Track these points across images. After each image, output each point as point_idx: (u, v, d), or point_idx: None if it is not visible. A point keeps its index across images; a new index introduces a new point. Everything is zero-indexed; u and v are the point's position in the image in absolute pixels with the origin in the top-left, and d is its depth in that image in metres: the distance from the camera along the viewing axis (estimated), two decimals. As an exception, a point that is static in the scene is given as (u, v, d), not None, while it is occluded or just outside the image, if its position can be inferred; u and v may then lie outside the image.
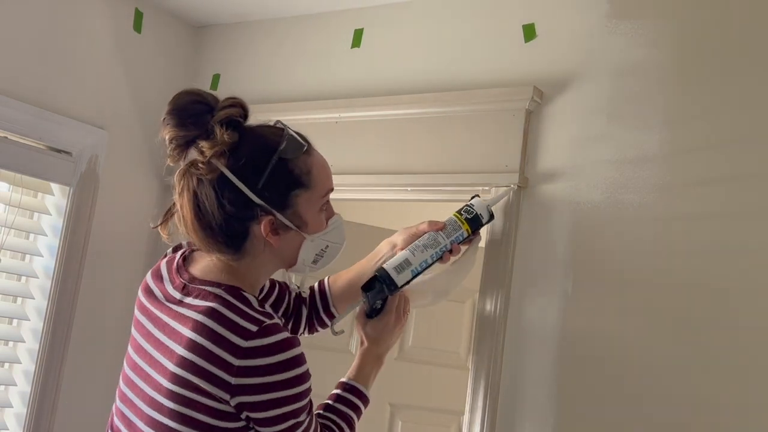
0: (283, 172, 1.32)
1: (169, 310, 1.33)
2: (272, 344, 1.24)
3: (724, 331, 1.53)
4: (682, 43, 1.69)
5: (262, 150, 1.31)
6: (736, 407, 1.50)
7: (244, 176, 1.29)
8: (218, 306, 1.27)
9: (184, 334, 1.27)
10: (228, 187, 1.29)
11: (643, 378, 1.60)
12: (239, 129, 1.31)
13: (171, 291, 1.36)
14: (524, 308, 1.77)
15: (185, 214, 1.32)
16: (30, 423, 2.13)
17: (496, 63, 1.93)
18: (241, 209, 1.30)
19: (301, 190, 1.34)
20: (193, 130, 1.30)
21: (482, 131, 1.89)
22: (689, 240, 1.60)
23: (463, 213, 1.64)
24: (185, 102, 1.31)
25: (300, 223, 1.35)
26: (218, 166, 1.28)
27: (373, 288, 1.54)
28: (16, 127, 2.07)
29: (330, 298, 1.68)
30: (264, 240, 1.33)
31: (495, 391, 1.76)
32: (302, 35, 2.31)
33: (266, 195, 1.30)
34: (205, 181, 1.29)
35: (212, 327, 1.25)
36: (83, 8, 2.23)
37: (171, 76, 2.48)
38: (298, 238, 1.36)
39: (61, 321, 2.18)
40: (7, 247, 2.14)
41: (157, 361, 1.30)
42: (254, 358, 1.23)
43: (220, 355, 1.23)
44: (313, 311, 1.68)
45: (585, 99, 1.78)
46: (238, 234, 1.32)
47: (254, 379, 1.23)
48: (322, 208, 1.39)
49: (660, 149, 1.66)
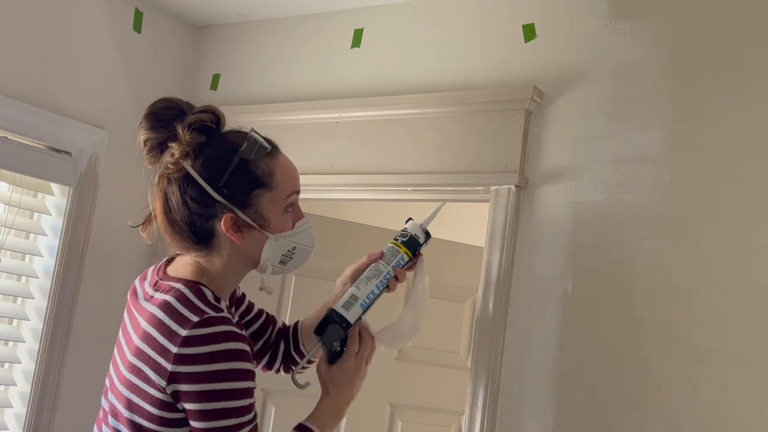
0: (244, 172, 1.38)
1: (140, 306, 1.40)
2: (210, 334, 1.27)
3: (725, 331, 1.53)
4: (683, 43, 1.69)
5: (225, 151, 1.38)
6: (737, 407, 1.50)
7: (208, 175, 1.36)
8: (171, 298, 1.33)
9: (142, 326, 1.34)
10: (192, 185, 1.36)
11: (643, 378, 1.60)
12: (206, 132, 1.38)
13: (147, 288, 1.44)
14: (524, 308, 1.77)
15: (156, 212, 1.42)
16: (30, 423, 2.13)
17: (496, 63, 1.93)
18: (204, 207, 1.37)
19: (263, 190, 1.39)
20: (163, 133, 1.37)
21: (482, 131, 1.89)
22: (689, 240, 1.60)
23: (399, 238, 1.61)
24: (159, 107, 1.39)
25: (262, 222, 1.40)
26: (184, 165, 1.36)
27: (325, 331, 1.51)
28: (16, 127, 2.07)
29: (300, 335, 1.69)
30: (228, 238, 1.38)
31: (495, 391, 1.76)
32: (302, 35, 2.31)
33: (227, 193, 1.37)
34: (173, 181, 1.38)
35: (160, 317, 1.31)
36: (83, 8, 2.23)
37: (171, 76, 2.48)
38: (261, 237, 1.41)
39: (61, 321, 2.18)
40: (7, 247, 2.14)
41: (123, 353, 1.38)
42: (191, 347, 1.27)
43: (162, 342, 1.29)
44: (286, 347, 1.69)
45: (585, 99, 1.78)
46: (203, 231, 1.39)
47: (188, 367, 1.26)
48: (286, 209, 1.43)
49: (660, 149, 1.66)
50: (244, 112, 2.31)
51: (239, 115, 2.31)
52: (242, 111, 2.32)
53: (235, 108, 2.35)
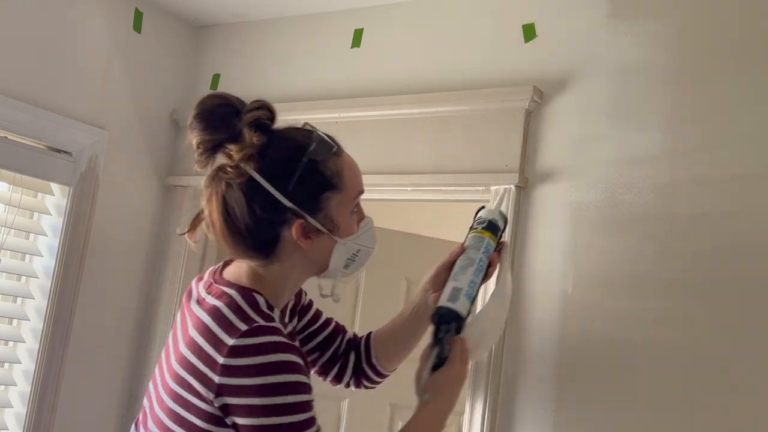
0: (313, 174, 1.28)
1: (191, 310, 1.32)
2: (258, 344, 1.20)
3: (725, 331, 1.53)
4: (682, 43, 1.69)
5: (292, 152, 1.28)
6: (738, 407, 1.50)
7: (274, 179, 1.26)
8: (221, 304, 1.25)
9: (189, 332, 1.27)
10: (258, 191, 1.26)
11: (643, 378, 1.60)
12: (267, 131, 1.29)
13: (200, 291, 1.35)
14: (524, 308, 1.77)
15: (214, 220, 1.30)
16: (30, 423, 2.13)
17: (496, 63, 1.93)
18: (272, 213, 1.27)
19: (332, 192, 1.31)
20: (220, 134, 1.27)
21: (482, 131, 1.89)
22: (689, 240, 1.60)
23: (477, 226, 1.52)
24: (211, 105, 1.29)
25: (332, 226, 1.31)
26: (247, 169, 1.26)
27: (439, 334, 1.38)
28: (16, 127, 2.07)
29: (372, 348, 1.59)
30: (295, 244, 1.29)
31: (495, 391, 1.76)
32: (302, 35, 2.31)
33: (297, 198, 1.27)
34: (234, 186, 1.26)
35: (207, 323, 1.24)
36: (83, 8, 2.23)
37: (171, 76, 2.48)
38: (330, 242, 1.33)
39: (61, 321, 2.18)
40: (7, 247, 2.14)
41: (169, 357, 1.31)
42: (239, 357, 1.19)
43: (208, 351, 1.21)
44: (357, 359, 1.59)
45: (585, 99, 1.78)
46: (268, 239, 1.29)
47: (236, 379, 1.18)
48: (353, 211, 1.36)
49: (660, 149, 1.66)
50: (244, 112, 2.32)
51: (239, 115, 2.32)
52: (242, 111, 2.32)
53: (235, 108, 2.35)
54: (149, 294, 2.41)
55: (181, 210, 2.39)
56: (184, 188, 2.41)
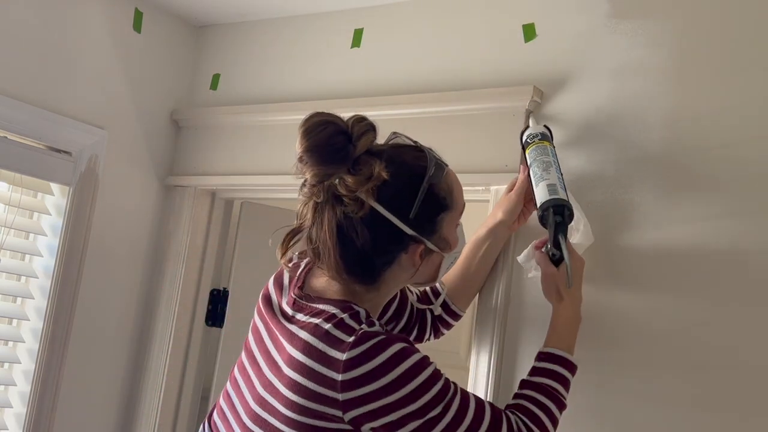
0: (430, 198, 1.28)
1: (281, 326, 1.29)
2: (370, 348, 1.18)
3: (725, 331, 1.53)
4: (683, 43, 1.68)
5: (411, 179, 1.27)
6: (738, 408, 1.50)
7: (396, 209, 1.24)
8: (321, 321, 1.22)
9: (292, 354, 1.22)
10: (380, 222, 1.24)
11: (643, 378, 1.59)
12: (381, 157, 1.26)
13: (284, 306, 1.31)
14: (524, 308, 1.77)
15: (329, 249, 1.26)
16: (30, 423, 2.13)
17: (496, 63, 1.93)
18: (393, 243, 1.26)
19: (445, 212, 1.31)
20: (340, 167, 1.23)
21: (482, 131, 1.89)
22: (689, 240, 1.60)
23: (531, 141, 1.61)
24: (324, 136, 1.23)
25: (444, 245, 1.32)
26: (367, 201, 1.23)
27: (559, 227, 1.43)
28: (16, 127, 2.07)
29: (447, 298, 1.66)
30: (403, 266, 1.29)
31: (495, 391, 1.76)
32: (302, 35, 2.31)
33: (417, 224, 1.26)
34: (354, 218, 1.23)
35: (313, 344, 1.20)
36: (83, 8, 2.22)
37: (171, 76, 2.48)
38: (438, 258, 1.34)
39: (61, 321, 2.18)
40: (7, 247, 2.14)
41: (263, 374, 1.27)
42: (356, 369, 1.17)
43: (323, 372, 1.18)
44: (434, 315, 1.64)
45: (585, 99, 1.78)
46: (381, 265, 1.28)
47: (361, 390, 1.16)
48: (457, 225, 1.36)
49: (660, 149, 1.66)
50: (244, 112, 2.32)
51: (239, 115, 2.32)
52: (242, 111, 2.32)
53: (235, 108, 2.35)
54: (149, 294, 2.41)
55: (181, 210, 2.39)
56: (184, 188, 2.41)
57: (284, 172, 2.18)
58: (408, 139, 1.35)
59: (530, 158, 1.62)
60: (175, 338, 2.33)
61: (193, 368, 2.38)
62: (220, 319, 2.42)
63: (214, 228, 2.43)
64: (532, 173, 1.59)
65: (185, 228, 2.37)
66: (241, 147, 2.32)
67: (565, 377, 1.41)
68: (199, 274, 2.40)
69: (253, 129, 2.30)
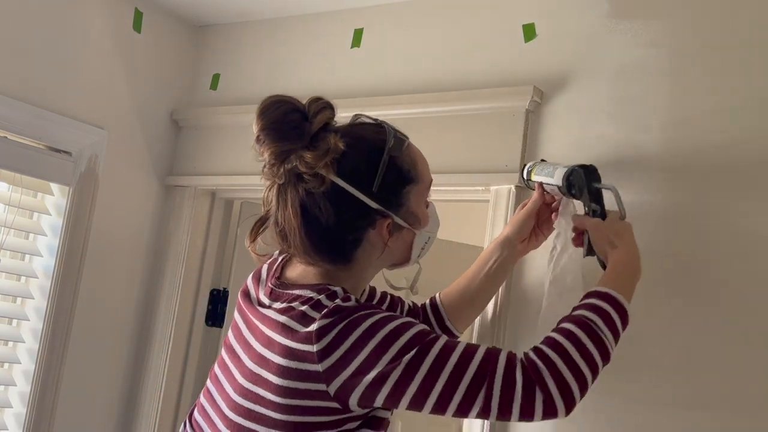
0: (393, 171, 1.26)
1: (258, 313, 1.28)
2: (338, 317, 1.17)
3: (725, 332, 1.53)
4: (683, 43, 1.68)
5: (371, 151, 1.26)
6: (740, 407, 1.50)
7: (358, 182, 1.23)
8: (298, 304, 1.22)
9: (271, 337, 1.22)
10: (342, 196, 1.23)
11: (642, 378, 1.59)
12: (338, 133, 1.25)
13: (262, 297, 1.31)
14: (524, 308, 1.77)
15: (294, 228, 1.25)
16: (30, 423, 2.13)
17: (496, 63, 1.93)
18: (360, 218, 1.25)
19: (411, 185, 1.29)
20: (295, 142, 1.23)
21: (482, 131, 1.89)
22: (689, 240, 1.60)
23: (533, 166, 1.63)
24: (280, 114, 1.25)
25: (413, 220, 1.31)
26: (328, 176, 1.22)
27: (586, 179, 1.44)
28: (16, 127, 2.07)
29: (444, 312, 1.60)
30: (374, 243, 1.27)
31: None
32: (302, 35, 2.31)
33: (381, 197, 1.25)
34: (316, 194, 1.23)
35: (290, 325, 1.20)
36: (83, 8, 2.22)
37: (171, 75, 2.48)
38: (409, 235, 1.32)
39: (61, 321, 2.18)
40: (7, 247, 2.14)
41: (244, 365, 1.26)
42: (328, 334, 1.16)
43: (302, 348, 1.17)
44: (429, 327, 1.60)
45: (585, 99, 1.78)
46: (350, 242, 1.27)
47: (336, 353, 1.15)
48: (426, 201, 1.34)
49: (660, 149, 1.66)
50: (244, 112, 2.31)
51: (239, 115, 2.32)
52: (242, 111, 2.32)
53: (235, 108, 2.35)
54: (149, 294, 2.40)
55: (181, 210, 2.39)
56: (183, 188, 2.41)
57: (284, 172, 2.19)
58: (369, 118, 1.34)
59: (538, 176, 1.61)
60: (175, 338, 2.33)
61: (193, 368, 2.38)
62: (220, 319, 2.42)
63: (214, 228, 2.43)
64: (545, 176, 1.57)
65: (185, 228, 2.37)
66: (241, 147, 2.32)
67: (611, 316, 1.24)
68: (199, 274, 2.40)
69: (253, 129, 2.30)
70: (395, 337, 1.16)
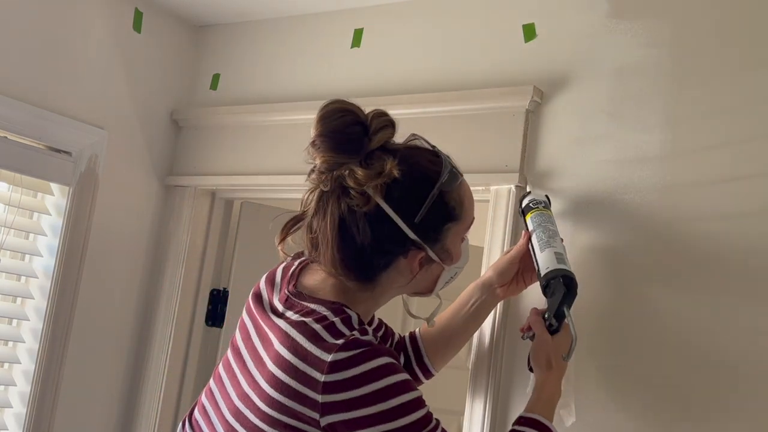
0: (439, 206, 1.25)
1: (270, 321, 1.26)
2: (357, 354, 1.15)
3: (726, 331, 1.53)
4: (683, 43, 1.68)
5: (422, 182, 1.24)
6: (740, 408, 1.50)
7: (402, 210, 1.22)
8: (311, 321, 1.20)
9: (278, 350, 1.20)
10: (383, 221, 1.21)
11: (642, 378, 1.59)
12: (395, 155, 1.22)
13: (275, 302, 1.29)
14: (524, 308, 1.77)
15: (328, 240, 1.23)
16: (30, 423, 2.13)
17: (496, 63, 1.93)
18: (394, 244, 1.23)
19: (453, 223, 1.28)
20: (351, 157, 1.20)
21: (482, 131, 1.89)
22: (690, 240, 1.60)
23: (535, 206, 1.58)
24: (341, 124, 1.21)
25: (446, 256, 1.29)
26: (374, 197, 1.20)
27: (563, 298, 1.40)
28: (16, 127, 2.07)
29: (422, 347, 1.58)
30: (401, 271, 1.26)
31: (495, 391, 1.76)
32: (302, 35, 2.31)
33: (421, 230, 1.23)
34: (357, 212, 1.20)
35: (301, 342, 1.17)
36: (83, 8, 2.22)
37: (171, 76, 2.48)
38: (437, 269, 1.31)
39: (61, 321, 2.18)
40: (7, 247, 2.14)
41: (248, 370, 1.25)
42: (340, 372, 1.14)
43: (306, 372, 1.16)
44: (407, 360, 1.58)
45: (585, 99, 1.78)
46: (379, 265, 1.25)
47: (342, 394, 1.14)
48: (463, 238, 1.33)
49: (660, 149, 1.66)
50: (244, 112, 2.32)
51: (239, 115, 2.32)
52: (242, 111, 2.32)
53: (235, 108, 2.35)
54: (149, 294, 2.41)
55: (181, 210, 2.39)
56: (184, 188, 2.41)
57: (284, 172, 2.19)
58: (427, 143, 1.32)
59: (533, 223, 1.56)
60: (175, 338, 2.33)
61: (193, 368, 2.38)
62: (220, 319, 2.42)
63: (214, 228, 2.43)
64: (537, 238, 1.51)
65: (185, 228, 2.37)
66: (241, 147, 2.32)
67: None
68: (199, 274, 2.40)
69: (253, 129, 2.30)
70: (403, 413, 1.16)
